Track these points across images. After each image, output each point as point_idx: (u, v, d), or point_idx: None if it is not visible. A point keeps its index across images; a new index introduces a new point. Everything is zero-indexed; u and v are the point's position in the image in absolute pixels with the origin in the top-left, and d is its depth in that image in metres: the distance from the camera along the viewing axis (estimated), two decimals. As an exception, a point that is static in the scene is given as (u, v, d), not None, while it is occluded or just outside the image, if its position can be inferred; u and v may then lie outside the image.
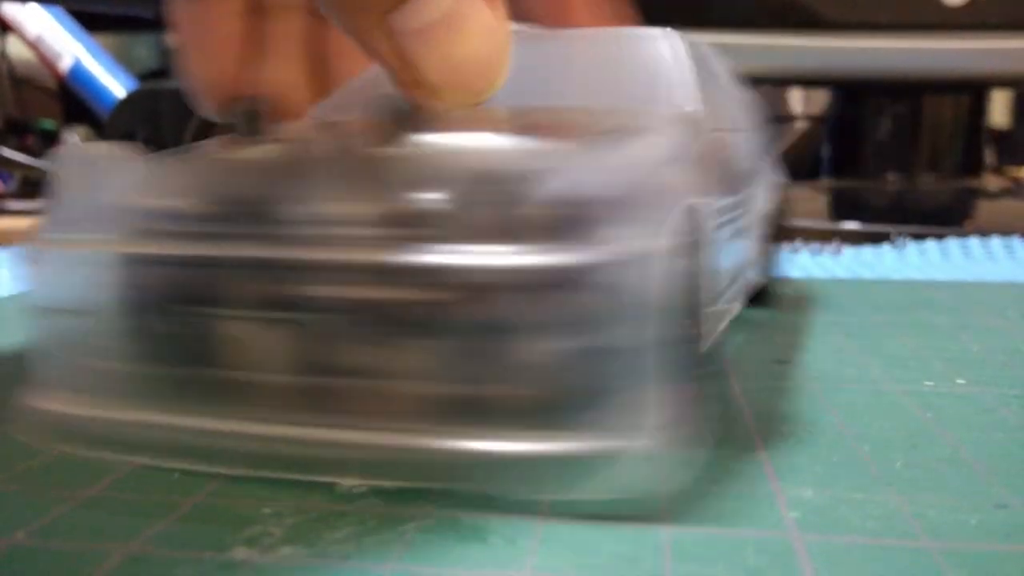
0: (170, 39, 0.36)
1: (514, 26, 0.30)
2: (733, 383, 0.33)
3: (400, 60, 0.27)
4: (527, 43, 0.30)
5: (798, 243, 0.71)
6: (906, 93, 0.94)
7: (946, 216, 0.87)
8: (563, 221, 0.21)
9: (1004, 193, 0.98)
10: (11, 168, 0.96)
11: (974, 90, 0.95)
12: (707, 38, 0.40)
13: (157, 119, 0.72)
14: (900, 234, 0.76)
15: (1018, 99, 1.07)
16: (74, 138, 1.03)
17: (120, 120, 0.75)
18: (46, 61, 1.06)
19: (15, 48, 1.16)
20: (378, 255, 0.22)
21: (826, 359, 0.36)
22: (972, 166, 0.98)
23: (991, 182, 1.01)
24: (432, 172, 0.23)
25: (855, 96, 0.97)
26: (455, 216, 0.22)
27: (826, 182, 0.94)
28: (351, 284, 0.22)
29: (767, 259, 0.43)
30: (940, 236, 0.80)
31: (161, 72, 1.12)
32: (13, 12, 1.05)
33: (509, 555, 0.19)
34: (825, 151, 0.96)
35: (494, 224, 0.21)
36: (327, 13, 0.27)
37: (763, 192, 0.40)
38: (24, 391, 0.26)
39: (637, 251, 0.21)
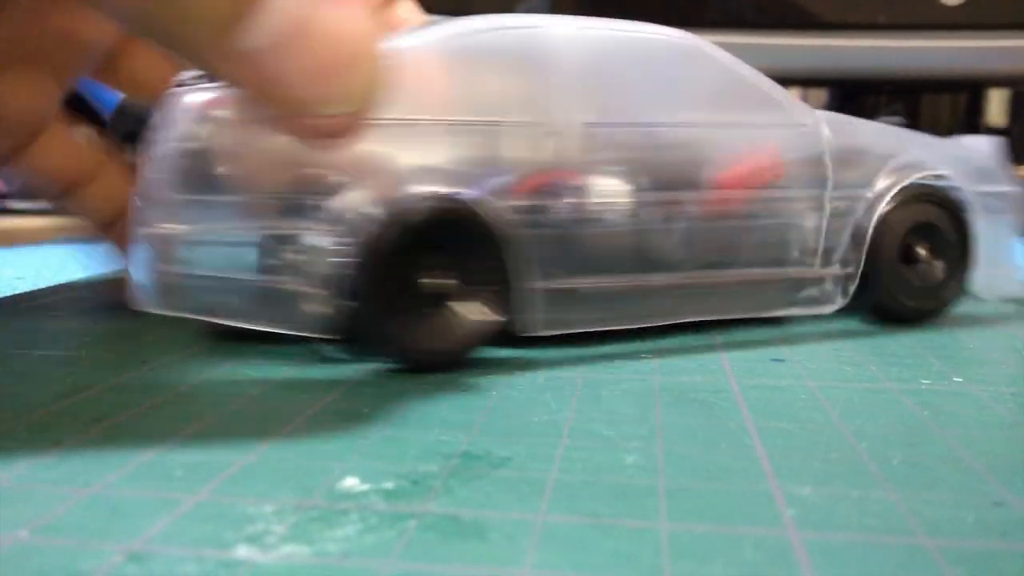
0: None
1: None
2: (731, 381, 0.33)
3: (255, 82, 0.24)
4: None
5: None
6: (904, 92, 0.94)
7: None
8: None
9: (1002, 192, 0.98)
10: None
11: (971, 89, 0.95)
12: (707, 39, 0.40)
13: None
14: None
15: (1015, 98, 1.07)
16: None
17: (122, 121, 0.75)
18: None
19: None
20: None
21: (823, 357, 0.37)
22: (970, 165, 0.98)
23: (989, 181, 1.01)
24: None
25: (853, 96, 0.97)
26: None
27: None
28: None
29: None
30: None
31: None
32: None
33: (509, 552, 0.19)
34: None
35: None
36: (158, 46, 0.24)
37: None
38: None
39: None
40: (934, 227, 0.43)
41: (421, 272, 0.33)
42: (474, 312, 0.34)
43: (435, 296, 0.34)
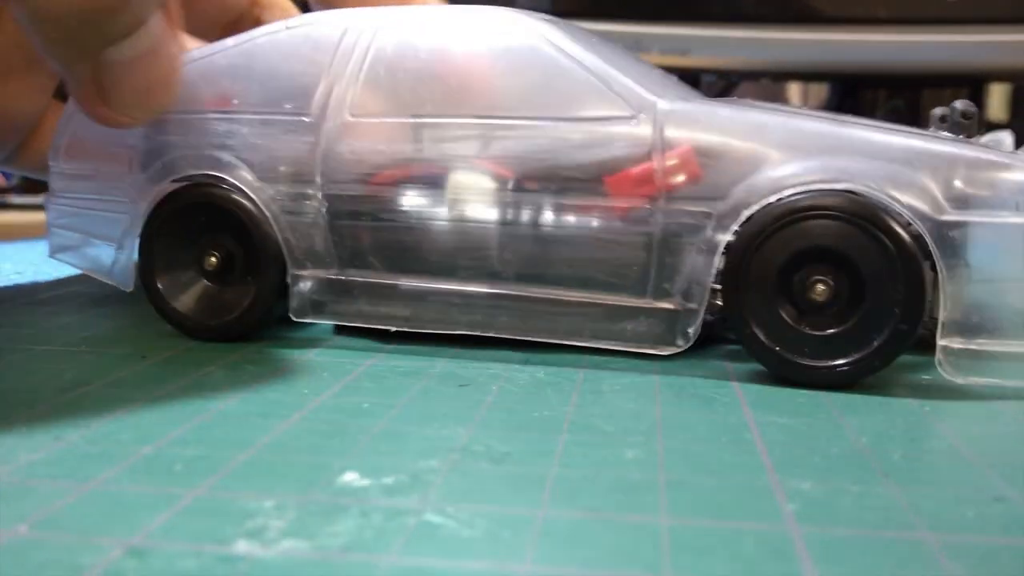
0: None
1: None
2: (731, 376, 0.33)
3: (97, 84, 0.30)
4: None
5: None
6: (905, 87, 0.94)
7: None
8: None
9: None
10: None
11: (972, 84, 0.95)
12: (707, 32, 0.40)
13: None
14: None
15: (1016, 93, 1.07)
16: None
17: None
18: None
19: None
20: None
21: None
22: (970, 160, 0.98)
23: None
24: None
25: (854, 90, 0.97)
26: None
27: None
28: None
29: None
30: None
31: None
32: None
33: (510, 547, 0.19)
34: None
35: None
36: (38, 48, 0.30)
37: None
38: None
39: None
40: (845, 258, 0.31)
41: (206, 252, 0.37)
42: (246, 291, 0.37)
43: (218, 273, 0.37)
